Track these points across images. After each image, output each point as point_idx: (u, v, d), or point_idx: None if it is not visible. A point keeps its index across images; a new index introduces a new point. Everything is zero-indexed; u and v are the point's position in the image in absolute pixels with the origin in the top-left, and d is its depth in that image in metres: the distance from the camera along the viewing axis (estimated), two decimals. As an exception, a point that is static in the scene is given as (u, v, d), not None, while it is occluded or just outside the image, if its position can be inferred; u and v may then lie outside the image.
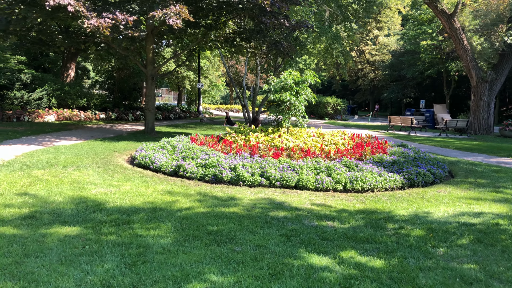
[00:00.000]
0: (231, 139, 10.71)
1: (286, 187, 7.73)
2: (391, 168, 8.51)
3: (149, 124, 16.74)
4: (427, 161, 9.35)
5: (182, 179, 8.18)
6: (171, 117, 30.41)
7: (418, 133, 24.32)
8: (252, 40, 15.18)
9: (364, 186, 7.65)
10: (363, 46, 51.99)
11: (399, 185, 7.94)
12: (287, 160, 8.63)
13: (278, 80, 10.90)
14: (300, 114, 11.04)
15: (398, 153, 9.63)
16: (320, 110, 41.98)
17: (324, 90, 62.58)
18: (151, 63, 16.26)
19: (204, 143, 10.37)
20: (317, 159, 8.67)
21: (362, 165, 8.44)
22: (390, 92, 48.42)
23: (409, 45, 42.41)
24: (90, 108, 25.60)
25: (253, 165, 8.35)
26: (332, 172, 8.05)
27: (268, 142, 10.14)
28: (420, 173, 8.29)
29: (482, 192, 7.49)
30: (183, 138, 11.53)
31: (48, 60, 32.26)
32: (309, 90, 10.97)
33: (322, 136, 10.99)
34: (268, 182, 7.78)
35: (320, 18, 25.35)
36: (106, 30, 11.14)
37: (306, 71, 11.11)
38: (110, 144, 13.24)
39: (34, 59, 32.58)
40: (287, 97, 10.50)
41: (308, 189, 7.63)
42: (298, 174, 7.98)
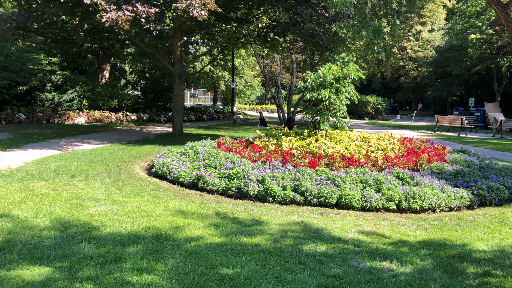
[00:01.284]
0: (261, 144, 9.43)
1: (325, 205, 6.36)
2: (454, 181, 6.95)
3: (177, 126, 15.73)
4: (497, 171, 7.70)
5: (202, 192, 6.97)
6: (204, 118, 29.52)
7: (469, 134, 22.16)
8: (287, 34, 13.84)
9: (423, 204, 6.16)
10: (405, 42, 49.37)
11: (467, 203, 6.39)
12: (325, 170, 7.25)
13: (315, 76, 9.52)
14: (340, 115, 9.60)
15: (460, 161, 8.03)
16: (360, 110, 40.01)
17: (364, 89, 60.12)
18: (179, 61, 15.23)
19: (231, 149, 9.14)
20: (362, 169, 7.24)
21: (418, 177, 6.93)
22: (434, 90, 45.62)
23: (456, 40, 39.65)
24: (121, 109, 25.05)
25: (285, 176, 7.03)
26: (382, 187, 6.61)
27: (304, 147, 8.78)
28: (493, 188, 6.69)
29: None
30: (209, 142, 10.35)
31: (85, 62, 32.23)
32: (351, 87, 9.52)
33: (367, 141, 9.50)
34: (303, 198, 6.43)
35: (360, 12, 23.65)
36: (125, 24, 10.13)
37: (348, 65, 9.66)
38: (133, 148, 12.29)
39: (73, 61, 32.63)
40: (326, 95, 9.09)
41: (353, 208, 6.22)
42: (340, 188, 6.59)
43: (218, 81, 43.73)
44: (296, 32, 13.52)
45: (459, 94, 45.07)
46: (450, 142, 17.70)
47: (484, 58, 36.71)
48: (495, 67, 36.69)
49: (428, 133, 22.72)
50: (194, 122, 26.97)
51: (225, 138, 10.60)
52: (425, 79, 47.94)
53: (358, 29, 23.50)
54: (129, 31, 10.73)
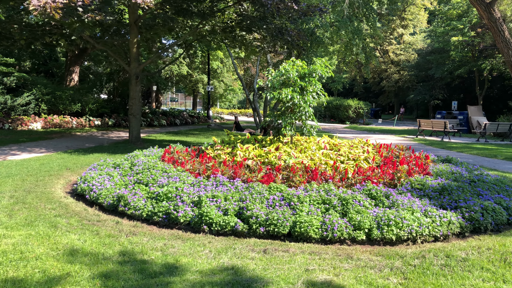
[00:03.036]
0: (213, 153, 7.94)
1: (274, 236, 4.89)
2: (440, 200, 5.56)
3: (134, 132, 14.13)
4: (490, 185, 6.36)
5: (121, 218, 5.44)
6: (177, 122, 27.90)
7: (452, 139, 21.05)
8: (254, 30, 12.42)
9: (401, 234, 4.74)
10: (386, 45, 48.56)
11: (457, 230, 4.99)
12: (281, 187, 5.79)
13: (277, 72, 8.08)
14: (307, 118, 8.18)
15: (446, 173, 6.66)
16: (341, 114, 38.96)
17: (346, 93, 59.33)
18: (135, 60, 13.67)
19: (176, 159, 7.62)
20: (327, 185, 5.81)
21: (395, 196, 5.52)
22: (416, 93, 44.76)
23: (437, 42, 38.89)
24: (85, 114, 23.30)
25: (229, 196, 5.55)
26: (350, 209, 5.18)
27: (261, 157, 7.32)
28: (488, 209, 5.31)
29: None
30: (156, 151, 8.83)
31: (56, 65, 30.43)
32: (319, 86, 8.11)
33: (338, 148, 8.09)
34: (246, 227, 4.95)
35: (339, 12, 22.41)
36: (55, 12, 8.56)
37: (315, 59, 8.26)
38: (75, 157, 10.69)
39: (43, 64, 30.73)
40: (288, 95, 7.65)
41: (310, 239, 4.77)
42: (295, 212, 5.14)
43: (197, 85, 42.22)
44: (263, 27, 12.11)
45: (442, 98, 44.32)
46: (433, 148, 16.49)
47: (466, 61, 35.96)
48: (477, 70, 35.95)
49: (410, 138, 21.54)
50: (165, 127, 25.35)
51: (175, 146, 9.09)
52: (407, 83, 47.14)
53: (336, 29, 22.25)
54: (64, 21, 9.15)
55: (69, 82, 25.83)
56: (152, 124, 25.79)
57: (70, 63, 26.60)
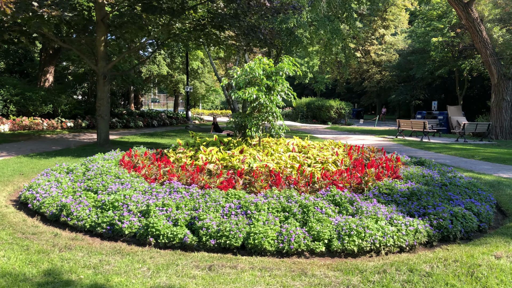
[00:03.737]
0: (174, 156, 7.48)
1: (226, 249, 4.46)
2: (408, 207, 5.20)
3: (102, 135, 13.55)
4: (462, 189, 6.04)
5: (62, 230, 4.94)
6: (155, 124, 27.28)
7: (432, 139, 20.92)
8: (225, 27, 11.98)
9: (364, 244, 4.36)
10: (368, 46, 48.62)
11: (424, 239, 4.63)
12: (240, 193, 5.37)
13: (242, 71, 7.66)
14: (274, 119, 7.78)
15: (417, 176, 6.31)
16: (323, 114, 38.76)
17: (329, 94, 59.28)
18: (103, 59, 13.10)
19: (134, 164, 7.14)
20: (288, 191, 5.40)
21: (360, 202, 5.15)
22: (397, 94, 44.87)
23: (418, 43, 39.03)
24: (57, 115, 22.53)
25: (182, 204, 5.10)
26: (310, 217, 4.78)
27: (225, 161, 6.89)
28: (458, 215, 4.97)
29: None
30: (116, 154, 8.32)
31: (31, 65, 29.50)
32: (286, 85, 7.71)
33: (306, 151, 7.70)
34: (196, 239, 4.51)
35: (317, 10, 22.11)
36: (6, 6, 7.99)
37: (282, 57, 7.86)
38: (35, 161, 10.10)
39: (18, 64, 29.77)
40: (253, 94, 7.24)
41: (265, 252, 4.35)
42: (252, 221, 4.72)
43: (177, 85, 41.57)
44: (235, 25, 11.69)
45: (423, 98, 44.50)
46: (411, 148, 16.28)
47: (446, 62, 36.11)
48: (457, 71, 36.13)
49: (390, 138, 21.35)
50: (141, 129, 24.71)
51: (137, 149, 8.60)
52: (388, 83, 47.23)
53: (315, 29, 21.96)
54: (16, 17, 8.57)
55: (43, 83, 24.98)
56: (128, 126, 25.15)
57: (44, 63, 25.74)
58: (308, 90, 58.30)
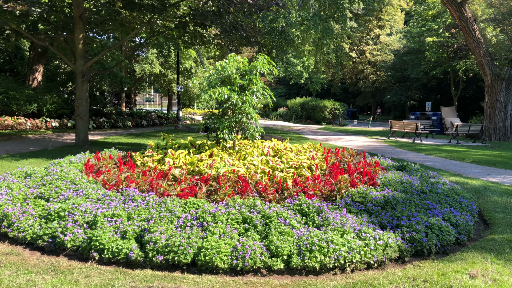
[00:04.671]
0: (141, 159, 7.04)
1: (176, 266, 4.04)
2: (381, 217, 4.79)
3: (81, 135, 13.09)
4: (442, 197, 5.63)
5: (1, 243, 4.51)
6: (144, 124, 26.80)
7: (424, 140, 20.56)
8: (207, 24, 11.55)
9: (327, 261, 3.94)
10: (363, 46, 48.25)
11: (395, 254, 4.22)
12: (200, 202, 4.94)
13: (214, 69, 7.23)
14: (249, 120, 7.35)
15: (395, 183, 5.90)
16: (317, 115, 38.37)
17: (325, 94, 58.92)
18: (81, 58, 12.65)
19: (98, 168, 6.70)
20: (252, 199, 4.98)
21: (328, 212, 4.73)
22: (392, 94, 44.53)
23: (413, 43, 38.66)
24: (43, 115, 22.03)
25: (134, 214, 4.68)
26: (271, 230, 4.36)
27: (192, 165, 6.46)
28: (433, 227, 4.55)
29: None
30: (85, 157, 7.88)
31: (22, 64, 28.99)
32: (260, 84, 7.28)
33: (282, 154, 7.28)
34: (142, 254, 4.08)
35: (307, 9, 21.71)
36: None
37: (258, 55, 7.43)
38: (4, 164, 9.66)
39: (8, 62, 29.23)
40: (224, 94, 6.80)
41: (217, 270, 3.93)
42: (207, 234, 4.30)
43: (170, 84, 41.10)
44: (217, 22, 11.26)
45: (418, 99, 44.18)
46: (402, 150, 15.89)
47: (441, 62, 35.78)
48: (452, 71, 35.81)
49: (381, 140, 20.97)
50: (129, 129, 24.23)
51: (108, 151, 8.17)
52: (384, 84, 46.87)
53: (306, 28, 21.56)
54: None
55: (32, 82, 24.50)
56: (116, 126, 24.69)
57: (32, 62, 25.27)
58: (304, 90, 57.89)
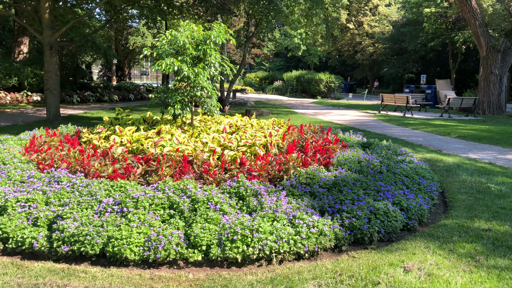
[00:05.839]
0: (89, 136, 6.59)
1: (83, 258, 3.64)
2: (322, 201, 4.37)
3: (51, 110, 12.60)
4: (399, 177, 5.19)
5: None
6: (131, 98, 26.24)
7: (415, 114, 20.03)
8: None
9: (249, 251, 3.54)
10: (361, 17, 46.95)
11: (331, 243, 3.81)
12: (128, 185, 4.53)
13: (163, 39, 6.67)
14: (206, 95, 6.85)
15: (351, 162, 5.45)
16: (312, 88, 37.61)
17: (323, 67, 57.78)
18: (48, 28, 12.03)
19: (38, 146, 6.26)
20: (184, 182, 4.55)
21: (264, 196, 4.31)
22: (390, 67, 43.59)
23: (411, 14, 37.53)
24: (24, 88, 21.47)
25: (53, 198, 4.27)
26: (196, 217, 3.95)
27: (138, 143, 6.02)
28: (378, 213, 4.13)
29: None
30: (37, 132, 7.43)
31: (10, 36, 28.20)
32: (214, 55, 6.74)
33: (242, 131, 6.81)
34: (47, 244, 3.68)
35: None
36: None
37: (213, 24, 6.86)
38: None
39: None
40: (174, 65, 6.27)
41: (127, 263, 3.54)
42: (127, 221, 3.88)
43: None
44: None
45: (416, 71, 43.29)
46: (388, 124, 15.42)
47: (439, 33, 34.76)
48: (450, 43, 34.88)
49: (372, 114, 20.43)
50: (115, 103, 23.69)
51: (65, 127, 7.72)
52: (381, 56, 45.83)
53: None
54: None
55: (17, 55, 23.75)
56: (102, 100, 24.16)
57: (17, 34, 24.41)
58: (303, 63, 56.80)
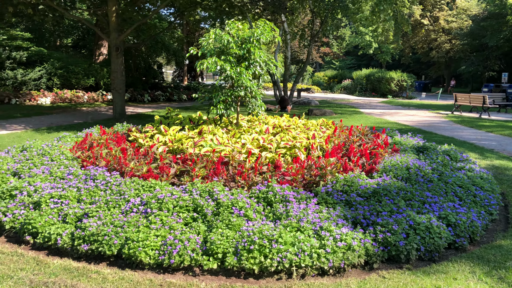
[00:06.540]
0: (138, 135, 6.72)
1: (102, 258, 3.63)
2: (357, 212, 4.00)
3: (117, 109, 13.21)
4: (452, 188, 4.64)
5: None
6: (198, 97, 26.89)
7: (493, 115, 18.37)
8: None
9: (267, 263, 3.30)
10: (437, 12, 44.17)
11: (360, 260, 3.45)
12: (158, 185, 4.49)
13: (208, 38, 6.60)
14: (250, 96, 6.69)
15: (399, 169, 4.97)
16: (383, 87, 36.11)
17: (397, 65, 55.24)
18: (115, 31, 12.60)
19: (89, 144, 6.49)
20: (213, 184, 4.40)
21: (293, 203, 4.04)
22: (468, 65, 40.55)
23: (493, 6, 34.60)
24: (100, 88, 22.85)
25: (84, 195, 4.34)
26: (218, 222, 3.79)
27: (178, 142, 6.00)
28: (419, 228, 3.68)
29: None
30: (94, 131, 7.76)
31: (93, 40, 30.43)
32: (259, 54, 6.54)
33: (286, 133, 6.55)
34: (70, 242, 3.71)
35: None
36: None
37: (258, 21, 6.67)
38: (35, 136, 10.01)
39: (81, 39, 30.77)
40: (215, 65, 6.18)
41: (142, 266, 3.47)
42: (148, 222, 3.83)
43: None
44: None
45: (498, 69, 39.88)
46: (460, 126, 14.27)
47: (526, 27, 31.73)
48: (539, 37, 31.69)
49: (443, 115, 19.07)
50: (183, 102, 24.43)
51: (121, 125, 7.99)
52: (459, 53, 42.76)
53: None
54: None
55: (97, 56, 25.34)
56: (172, 99, 25.09)
57: (98, 37, 26.02)
58: (374, 62, 54.87)
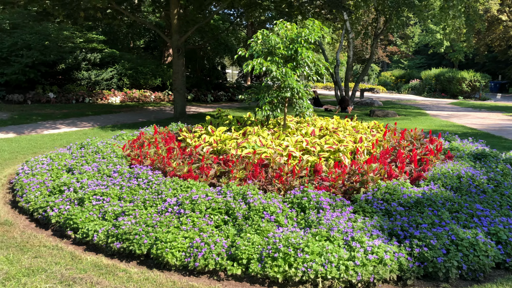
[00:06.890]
0: (187, 136, 6.86)
1: (132, 256, 3.72)
2: (394, 223, 3.75)
3: (178, 108, 13.64)
4: (509, 199, 4.20)
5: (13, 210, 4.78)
6: (259, 97, 27.10)
7: None
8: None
9: (291, 272, 3.19)
10: (519, 5, 40.71)
11: (391, 275, 3.23)
12: (195, 186, 4.53)
13: (257, 38, 6.55)
14: (298, 97, 6.56)
15: (449, 177, 4.59)
16: (453, 88, 34.11)
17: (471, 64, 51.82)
18: (176, 32, 13.02)
19: (140, 142, 6.73)
20: (248, 187, 4.36)
21: (327, 210, 3.88)
22: (555, 63, 36.99)
23: None
24: (166, 88, 23.80)
25: (125, 194, 4.50)
26: (247, 226, 3.73)
27: (222, 143, 6.03)
28: (462, 244, 3.37)
29: None
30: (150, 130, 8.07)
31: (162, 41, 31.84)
32: (307, 54, 6.38)
33: (332, 135, 6.34)
34: (104, 239, 3.84)
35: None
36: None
37: (307, 21, 6.52)
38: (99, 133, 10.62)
39: (153, 40, 32.32)
40: (262, 66, 6.12)
41: (169, 267, 3.50)
42: (180, 223, 3.87)
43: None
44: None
45: None
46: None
47: None
48: None
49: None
50: (243, 102, 24.78)
51: (176, 124, 8.23)
52: (543, 50, 39.16)
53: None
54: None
55: (166, 57, 26.40)
56: (233, 99, 25.54)
57: (166, 39, 27.15)
58: (446, 61, 51.90)
